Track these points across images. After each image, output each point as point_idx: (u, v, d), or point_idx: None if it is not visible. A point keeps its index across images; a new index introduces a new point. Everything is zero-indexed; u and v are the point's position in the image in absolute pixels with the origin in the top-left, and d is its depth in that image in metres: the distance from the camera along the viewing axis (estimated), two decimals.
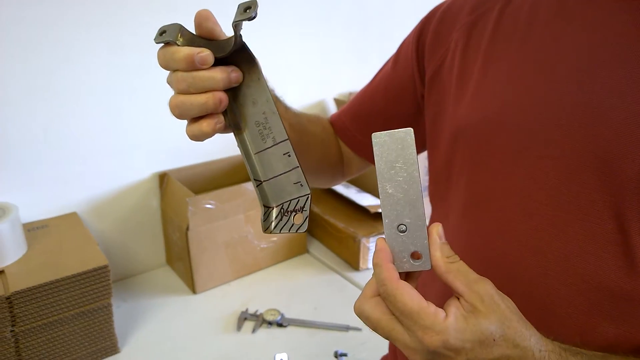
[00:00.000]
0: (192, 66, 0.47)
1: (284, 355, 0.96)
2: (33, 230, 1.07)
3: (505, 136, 0.57)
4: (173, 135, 1.28)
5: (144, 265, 1.32)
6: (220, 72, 0.48)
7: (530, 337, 0.44)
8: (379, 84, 0.79)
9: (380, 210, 1.33)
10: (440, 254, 0.45)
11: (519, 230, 0.55)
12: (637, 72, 0.49)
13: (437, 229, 0.46)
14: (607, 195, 0.50)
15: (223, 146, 1.36)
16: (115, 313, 1.01)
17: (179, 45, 0.48)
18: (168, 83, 0.51)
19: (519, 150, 0.55)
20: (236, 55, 0.50)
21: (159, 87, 1.21)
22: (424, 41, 0.71)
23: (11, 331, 0.89)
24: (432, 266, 0.45)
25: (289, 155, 0.51)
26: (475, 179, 0.60)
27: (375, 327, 0.45)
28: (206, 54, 0.47)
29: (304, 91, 1.52)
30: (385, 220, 0.46)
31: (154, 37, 0.48)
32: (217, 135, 0.52)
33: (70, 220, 1.14)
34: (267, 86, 0.51)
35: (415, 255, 0.46)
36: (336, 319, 1.12)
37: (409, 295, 0.43)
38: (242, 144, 0.52)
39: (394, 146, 0.45)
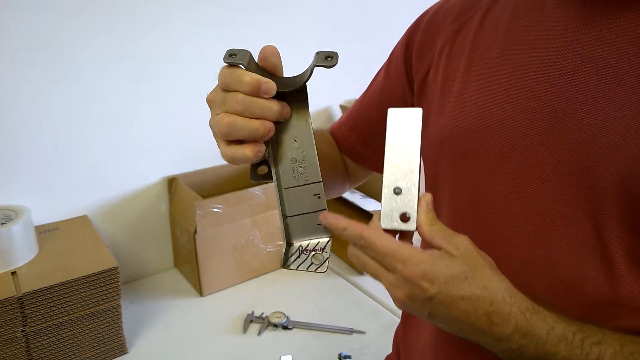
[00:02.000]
0: (256, 92, 0.49)
1: (289, 357, 0.98)
2: (44, 233, 1.10)
3: (486, 145, 0.57)
4: (181, 140, 1.30)
5: (152, 267, 1.35)
6: (277, 104, 0.50)
7: (500, 282, 0.48)
8: (372, 94, 0.80)
9: None
10: (425, 217, 0.50)
11: (503, 238, 0.56)
12: (611, 80, 0.50)
13: (427, 197, 0.51)
14: (585, 201, 0.51)
15: None
16: (123, 315, 1.03)
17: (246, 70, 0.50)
18: (209, 100, 0.52)
19: (500, 158, 0.56)
20: (291, 94, 0.52)
21: (168, 94, 1.24)
22: (411, 51, 0.72)
23: (22, 331, 0.91)
24: (416, 226, 0.50)
25: (319, 197, 0.54)
26: (459, 186, 0.61)
27: (364, 266, 0.50)
28: (272, 84, 0.49)
29: (310, 98, 1.53)
30: (384, 181, 0.52)
31: (222, 57, 0.50)
32: None
33: (80, 223, 1.16)
34: (312, 129, 0.54)
35: (404, 217, 0.51)
36: (340, 322, 1.14)
37: (386, 238, 0.48)
38: (276, 176, 0.54)
39: (404, 121, 0.52)
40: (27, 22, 1.02)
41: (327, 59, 0.49)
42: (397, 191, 0.51)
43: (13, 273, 0.96)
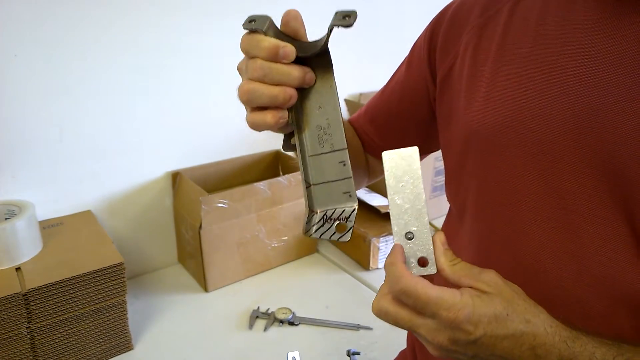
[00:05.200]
0: (274, 57, 0.48)
1: (296, 354, 0.97)
2: (49, 228, 1.09)
3: (517, 140, 0.57)
4: (186, 135, 1.29)
5: (156, 263, 1.34)
6: (297, 70, 0.49)
7: (539, 314, 0.48)
8: (394, 88, 0.79)
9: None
10: (445, 259, 0.49)
11: (535, 234, 0.55)
12: None
13: (441, 237, 0.50)
14: (619, 198, 0.50)
15: (235, 146, 1.37)
16: (128, 310, 1.02)
17: (265, 35, 0.49)
18: (238, 69, 0.52)
19: (532, 154, 0.55)
20: (314, 59, 0.51)
21: (173, 88, 1.23)
22: (435, 44, 0.71)
23: (27, 327, 0.90)
24: (437, 269, 0.49)
25: (344, 165, 0.52)
26: (487, 181, 0.61)
27: (396, 321, 0.48)
28: (290, 49, 0.48)
29: None
30: (394, 228, 0.50)
31: (242, 23, 0.49)
32: (230, 135, 0.54)
33: (85, 218, 1.15)
34: (337, 94, 0.52)
35: (421, 261, 0.50)
36: (347, 318, 1.13)
37: (428, 286, 0.46)
38: (300, 144, 0.53)
39: (401, 162, 0.51)
40: (31, 14, 1.01)
41: (345, 18, 0.47)
42: (409, 236, 0.50)
43: (17, 269, 0.95)
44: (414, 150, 0.50)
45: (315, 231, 0.53)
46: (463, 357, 0.48)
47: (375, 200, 1.39)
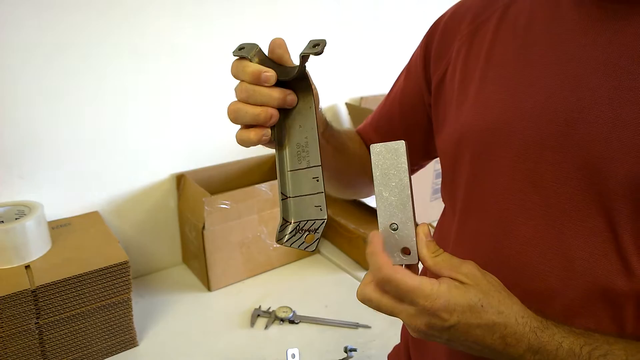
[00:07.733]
0: (257, 81, 0.54)
1: (296, 350, 1.00)
2: (57, 228, 1.12)
3: (504, 142, 0.59)
4: (190, 138, 1.32)
5: (160, 263, 1.37)
6: (278, 92, 0.55)
7: (512, 305, 0.50)
8: (394, 97, 0.82)
9: None
10: (427, 250, 0.51)
11: (521, 230, 0.58)
12: (624, 83, 0.51)
13: (424, 229, 0.52)
14: (598, 196, 0.52)
15: (237, 150, 1.40)
16: (133, 308, 1.05)
17: (251, 62, 0.54)
18: (234, 91, 0.58)
19: (517, 155, 0.58)
20: (297, 82, 0.56)
21: (177, 92, 1.26)
22: (429, 52, 0.74)
23: (36, 323, 0.93)
24: (419, 260, 0.51)
25: (317, 180, 0.56)
26: (477, 181, 0.63)
27: (378, 307, 0.51)
28: (271, 74, 0.54)
29: None
30: (379, 219, 0.53)
31: (233, 50, 0.55)
32: (233, 138, 0.57)
33: (92, 218, 1.18)
34: (316, 115, 0.57)
35: (405, 251, 0.52)
36: (346, 316, 1.15)
37: (408, 275, 0.48)
38: (279, 159, 0.58)
39: (388, 155, 0.52)
40: (43, 19, 1.04)
41: (314, 47, 0.52)
42: (394, 227, 0.52)
43: (27, 267, 0.98)
44: (401, 144, 0.52)
45: (287, 240, 0.57)
46: (439, 340, 0.51)
47: (373, 202, 1.41)
